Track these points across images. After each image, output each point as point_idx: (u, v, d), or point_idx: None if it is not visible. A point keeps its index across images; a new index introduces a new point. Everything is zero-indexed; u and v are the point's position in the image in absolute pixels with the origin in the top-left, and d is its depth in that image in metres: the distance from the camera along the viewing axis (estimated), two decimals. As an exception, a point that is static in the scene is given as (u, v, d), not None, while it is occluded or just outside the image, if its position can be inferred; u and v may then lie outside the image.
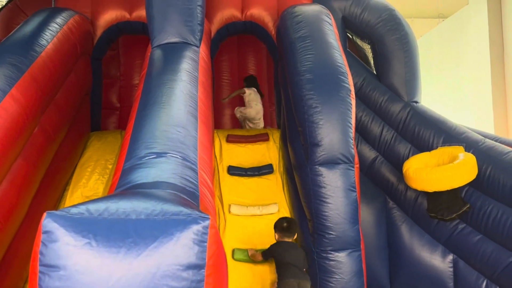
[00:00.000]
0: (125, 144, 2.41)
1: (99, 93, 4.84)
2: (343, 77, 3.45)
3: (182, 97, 2.76)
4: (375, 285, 3.93)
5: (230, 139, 4.47)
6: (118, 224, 1.14)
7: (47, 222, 1.14)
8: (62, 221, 1.14)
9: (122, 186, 1.94)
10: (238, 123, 5.44)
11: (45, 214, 1.16)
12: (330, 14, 4.11)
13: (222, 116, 5.43)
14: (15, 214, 2.65)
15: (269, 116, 5.59)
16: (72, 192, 3.64)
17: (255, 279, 3.46)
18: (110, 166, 3.91)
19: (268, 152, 4.37)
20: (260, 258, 3.44)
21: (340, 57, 3.61)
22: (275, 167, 4.23)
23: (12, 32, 3.55)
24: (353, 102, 3.44)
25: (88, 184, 3.72)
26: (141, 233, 1.13)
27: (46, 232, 1.14)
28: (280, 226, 3.39)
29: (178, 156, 2.17)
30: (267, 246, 3.40)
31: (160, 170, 2.02)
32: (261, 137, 4.52)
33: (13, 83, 2.81)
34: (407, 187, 4.03)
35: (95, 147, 4.14)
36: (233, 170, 4.18)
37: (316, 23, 3.89)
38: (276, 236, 3.39)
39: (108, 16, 4.58)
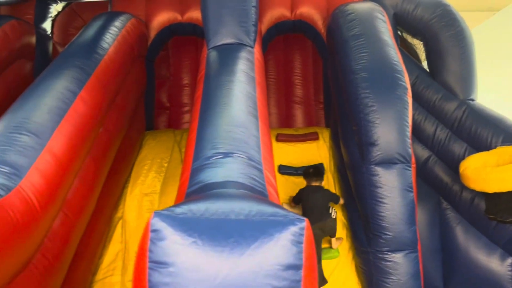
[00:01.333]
0: (190, 144, 2.48)
1: (152, 94, 4.99)
2: (399, 75, 3.40)
3: (241, 98, 2.81)
4: (429, 287, 3.86)
5: (279, 138, 4.50)
6: (219, 224, 1.19)
7: (156, 221, 1.20)
8: (169, 221, 1.20)
9: (194, 185, 2.00)
10: (286, 122, 5.45)
11: (153, 214, 1.22)
12: (384, 11, 4.05)
13: (270, 115, 5.47)
14: (85, 210, 2.79)
15: (315, 114, 5.58)
16: (131, 189, 3.78)
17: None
18: (165, 164, 4.03)
19: (318, 151, 4.36)
20: (292, 204, 3.77)
21: (395, 55, 3.56)
22: (326, 166, 4.22)
23: (75, 37, 3.72)
24: (410, 101, 3.38)
25: (145, 181, 3.85)
26: (242, 233, 1.17)
27: (154, 230, 1.20)
28: (307, 171, 3.85)
29: (244, 156, 2.22)
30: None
31: (229, 170, 2.07)
32: (311, 136, 4.53)
33: (81, 86, 2.95)
34: (463, 188, 3.91)
35: (150, 146, 4.27)
36: (283, 169, 4.21)
37: (370, 21, 3.84)
38: (305, 183, 3.81)
39: (161, 18, 4.71)
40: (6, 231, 1.87)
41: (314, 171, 3.83)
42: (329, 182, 4.10)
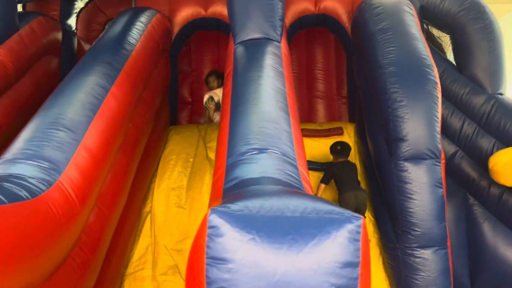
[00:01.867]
0: (222, 140, 2.48)
1: (176, 89, 5.01)
2: (428, 70, 3.35)
3: (272, 93, 2.80)
4: (455, 284, 3.81)
5: (304, 133, 4.43)
6: (276, 221, 1.20)
7: (213, 218, 1.22)
8: (226, 217, 1.21)
9: (231, 181, 2.01)
10: (308, 116, 5.43)
11: (209, 210, 1.23)
12: (411, 4, 3.99)
13: (292, 110, 5.44)
14: (118, 204, 2.83)
15: (337, 109, 5.54)
16: (158, 184, 3.82)
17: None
18: (191, 160, 4.05)
19: (343, 146, 4.32)
20: (322, 186, 3.88)
21: (424, 49, 3.51)
22: (351, 161, 4.19)
23: (103, 32, 3.75)
24: (440, 95, 3.34)
25: (172, 176, 3.88)
26: (299, 231, 1.18)
27: (212, 227, 1.21)
28: (335, 149, 4.02)
29: (278, 152, 2.21)
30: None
31: (264, 166, 2.07)
32: (336, 131, 4.50)
33: (112, 81, 2.97)
34: (491, 183, 3.86)
35: (175, 141, 4.30)
36: (308, 165, 4.18)
37: (397, 14, 3.79)
38: (332, 158, 4.02)
39: (185, 13, 4.71)
40: (49, 225, 1.91)
41: (341, 148, 3.98)
42: (355, 178, 4.06)
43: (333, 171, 3.87)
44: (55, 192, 2.04)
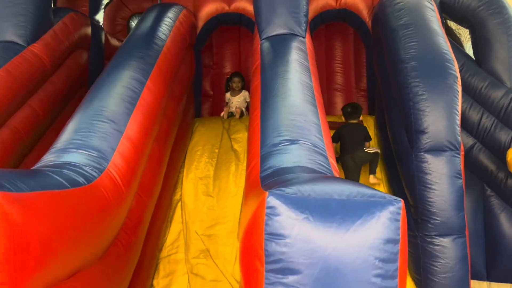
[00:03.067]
0: (254, 132, 2.64)
1: (200, 82, 5.17)
2: (449, 64, 3.45)
3: (299, 87, 2.94)
4: (472, 272, 3.93)
5: (325, 125, 4.59)
6: (325, 203, 1.36)
7: (271, 200, 1.39)
8: (282, 199, 1.38)
9: (266, 170, 2.17)
10: (326, 110, 5.53)
11: (267, 193, 1.40)
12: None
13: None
14: (154, 191, 3.01)
15: (356, 102, 5.64)
16: (187, 174, 4.00)
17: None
18: (216, 150, 4.22)
19: (363, 138, 4.44)
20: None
21: (445, 43, 3.61)
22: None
23: (133, 28, 3.91)
24: (460, 89, 3.44)
25: (199, 166, 4.06)
26: (347, 211, 1.34)
27: (270, 207, 1.39)
28: (346, 111, 4.20)
29: (309, 143, 2.36)
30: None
31: (297, 156, 2.23)
32: (355, 123, 4.61)
33: (146, 76, 3.13)
34: (508, 175, 3.96)
35: (200, 133, 4.47)
36: (329, 156, 4.31)
37: (418, 10, 3.88)
38: (343, 119, 4.21)
39: (209, 9, 4.85)
40: (103, 208, 2.09)
41: (351, 111, 4.15)
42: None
43: (340, 133, 4.01)
44: (105, 178, 2.22)
